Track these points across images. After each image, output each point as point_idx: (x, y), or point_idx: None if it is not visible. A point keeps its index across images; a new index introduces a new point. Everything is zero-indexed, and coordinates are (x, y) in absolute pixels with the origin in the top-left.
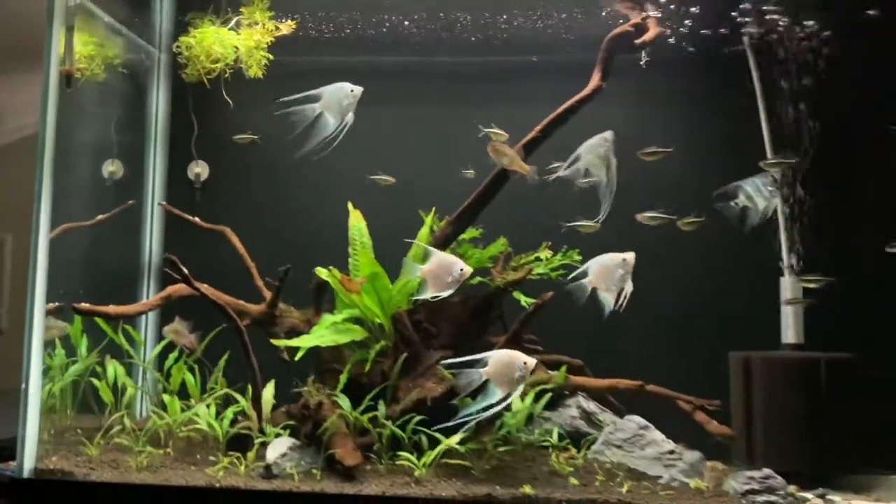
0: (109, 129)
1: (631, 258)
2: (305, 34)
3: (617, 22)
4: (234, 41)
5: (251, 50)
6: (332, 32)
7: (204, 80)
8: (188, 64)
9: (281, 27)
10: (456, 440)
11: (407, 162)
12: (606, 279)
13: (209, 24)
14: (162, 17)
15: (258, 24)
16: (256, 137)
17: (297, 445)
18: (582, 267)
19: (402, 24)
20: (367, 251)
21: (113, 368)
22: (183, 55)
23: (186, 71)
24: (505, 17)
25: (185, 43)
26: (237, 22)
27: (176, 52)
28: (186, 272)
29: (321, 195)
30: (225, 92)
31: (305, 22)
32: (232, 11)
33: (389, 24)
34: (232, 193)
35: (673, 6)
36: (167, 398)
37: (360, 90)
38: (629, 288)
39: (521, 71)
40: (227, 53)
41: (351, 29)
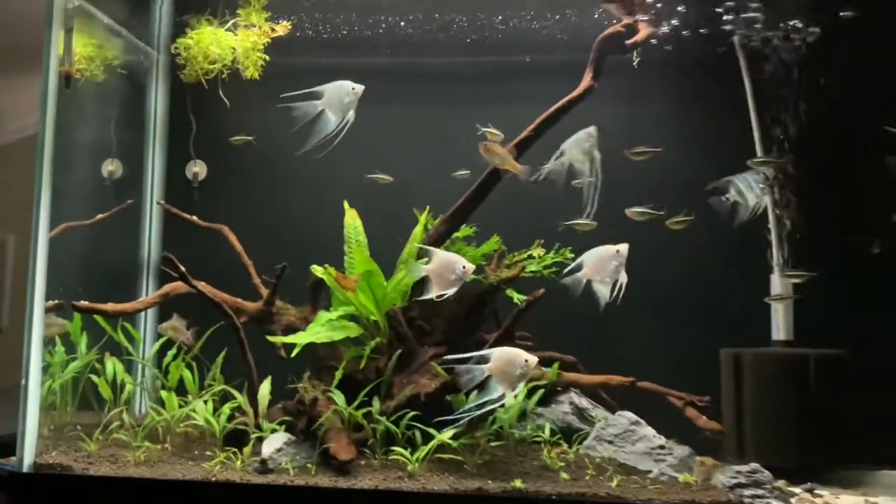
0: (109, 129)
1: (624, 250)
2: (302, 35)
3: (609, 22)
4: (231, 42)
5: (248, 51)
6: (328, 33)
7: (202, 80)
8: (186, 65)
9: (277, 28)
10: (449, 435)
11: (402, 161)
12: (601, 271)
13: (206, 25)
14: (160, 18)
15: (255, 25)
16: (251, 139)
17: (292, 441)
18: (577, 260)
19: (397, 24)
20: (362, 249)
21: (112, 365)
22: (181, 56)
23: (185, 72)
24: (500, 17)
25: (183, 44)
26: (234, 23)
27: (174, 53)
28: (184, 270)
29: (317, 194)
30: (222, 92)
31: (301, 23)
32: (229, 13)
33: (385, 25)
34: (229, 192)
35: (660, 4)
36: (165, 394)
37: (361, 88)
38: (624, 279)
39: (514, 71)
40: (224, 54)
41: (348, 30)
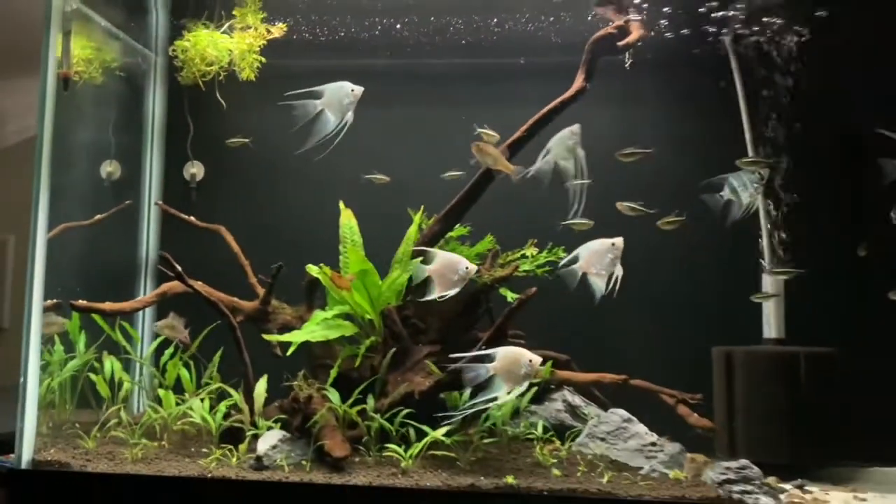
0: (107, 130)
1: (620, 243)
2: (298, 37)
3: (602, 24)
4: (227, 44)
5: (244, 53)
6: (325, 35)
7: (199, 82)
8: (183, 67)
9: (272, 30)
10: (442, 432)
11: (397, 162)
12: (597, 264)
13: (203, 28)
14: (157, 21)
15: (250, 27)
16: (248, 141)
17: (287, 438)
18: (572, 253)
19: (393, 27)
20: (357, 249)
21: (110, 364)
22: (178, 58)
23: (182, 74)
24: (495, 20)
25: (180, 46)
26: (230, 26)
27: (171, 55)
28: (180, 269)
29: (314, 195)
30: (219, 94)
31: (297, 25)
32: (225, 15)
33: (381, 27)
34: (227, 193)
35: (651, 5)
36: (162, 393)
37: (360, 90)
38: (619, 272)
39: (509, 72)
40: (221, 56)
41: (344, 32)
